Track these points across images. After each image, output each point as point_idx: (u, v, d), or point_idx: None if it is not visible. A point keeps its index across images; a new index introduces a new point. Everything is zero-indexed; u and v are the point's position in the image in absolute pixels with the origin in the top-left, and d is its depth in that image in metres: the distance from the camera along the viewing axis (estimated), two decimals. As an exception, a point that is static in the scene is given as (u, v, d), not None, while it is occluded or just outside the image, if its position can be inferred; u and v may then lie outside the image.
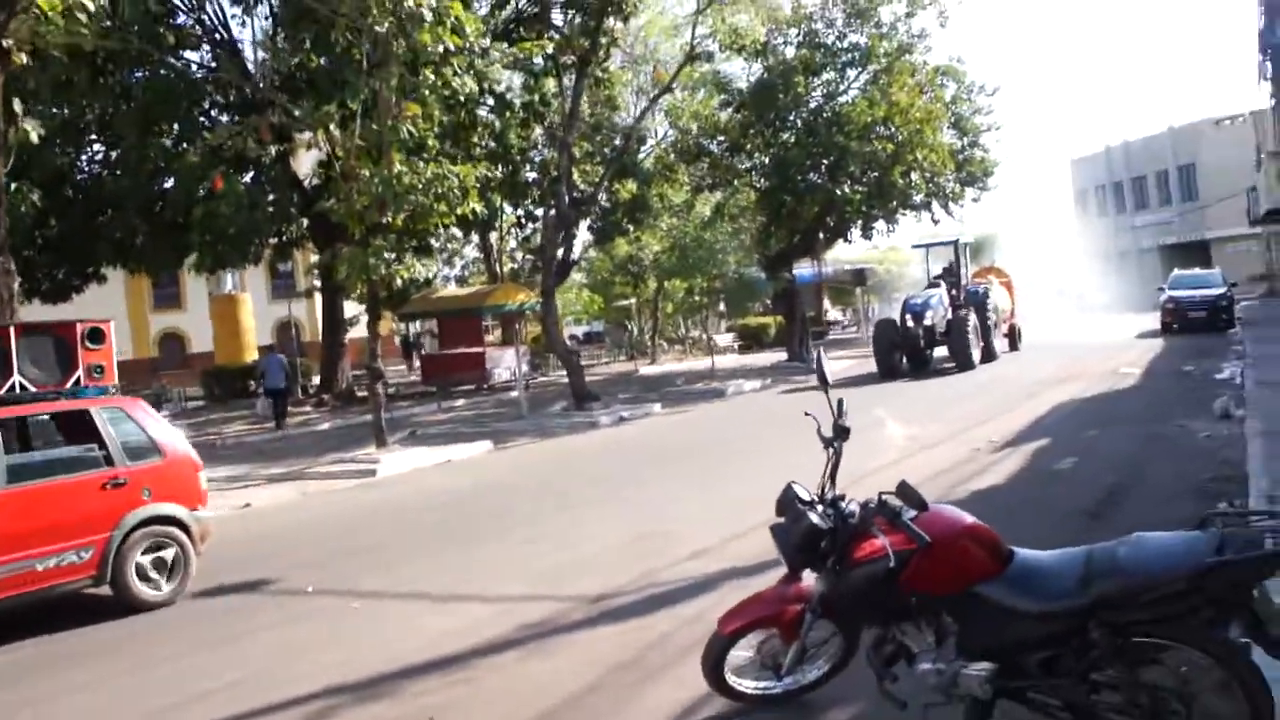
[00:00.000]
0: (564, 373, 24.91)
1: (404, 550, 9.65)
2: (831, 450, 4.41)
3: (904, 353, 24.23)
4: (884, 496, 4.07)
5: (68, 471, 7.99)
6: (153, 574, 8.25)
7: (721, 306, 39.89)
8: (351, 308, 30.81)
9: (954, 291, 25.20)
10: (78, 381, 8.46)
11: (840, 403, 4.49)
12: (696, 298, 35.42)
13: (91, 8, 11.91)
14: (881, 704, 4.23)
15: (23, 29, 12.32)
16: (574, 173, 25.89)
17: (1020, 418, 14.54)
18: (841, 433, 4.43)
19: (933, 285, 25.57)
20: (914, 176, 30.38)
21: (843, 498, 4.26)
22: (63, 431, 8.68)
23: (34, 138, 13.20)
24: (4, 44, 12.24)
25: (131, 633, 7.66)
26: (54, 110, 23.33)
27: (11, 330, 8.16)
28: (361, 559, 9.39)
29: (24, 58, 12.92)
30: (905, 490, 3.98)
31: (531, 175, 28.49)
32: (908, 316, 24.12)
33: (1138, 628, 3.67)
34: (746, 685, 4.66)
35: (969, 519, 4.04)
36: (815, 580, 4.34)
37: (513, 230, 36.90)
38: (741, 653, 4.60)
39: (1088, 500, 8.80)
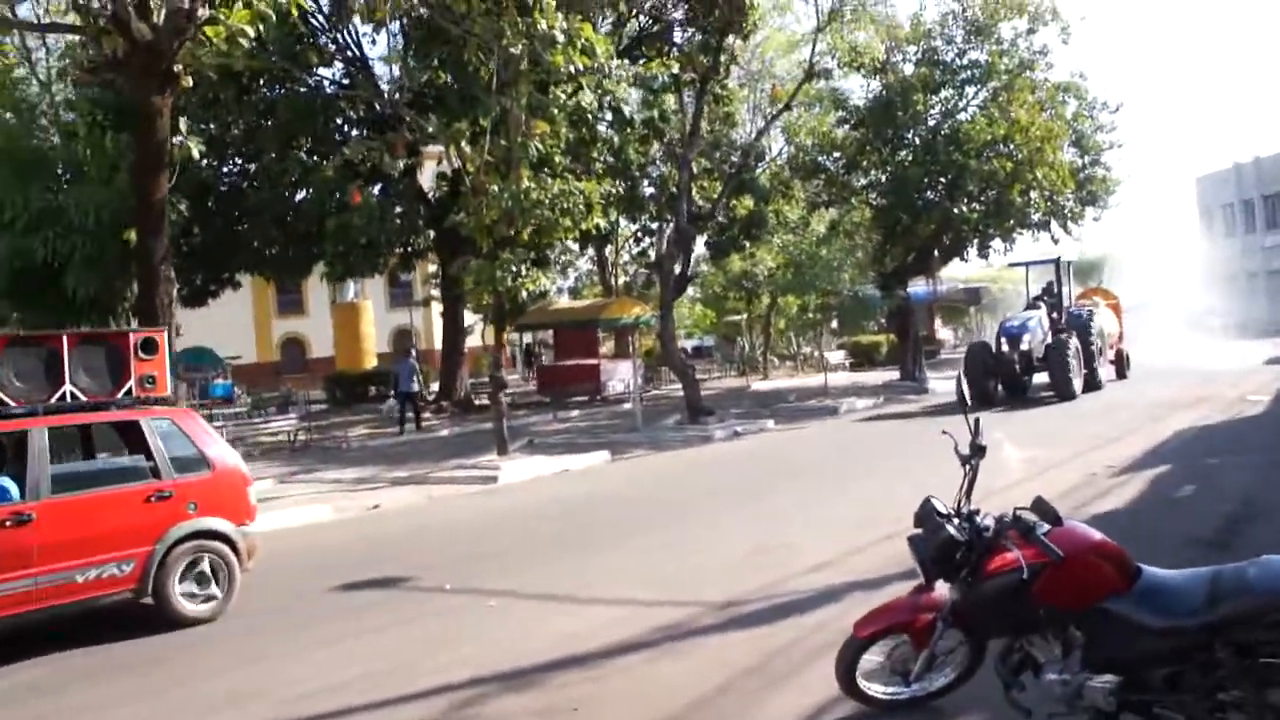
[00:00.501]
0: (677, 386, 25.29)
1: (528, 555, 9.95)
2: (968, 467, 4.57)
3: (999, 379, 22.97)
4: (1019, 511, 4.25)
5: (113, 483, 7.95)
6: (196, 588, 8.13)
7: (834, 323, 39.69)
8: (467, 317, 31.62)
9: (1054, 314, 24.13)
10: (129, 392, 8.28)
11: (978, 422, 4.68)
12: (810, 314, 35.29)
13: (252, 34, 12.63)
14: (1007, 712, 4.36)
15: (186, 54, 13.22)
16: (692, 189, 26.11)
17: (1139, 443, 14.43)
18: (978, 451, 4.60)
19: (1032, 307, 24.55)
20: (1033, 195, 30.06)
21: (978, 512, 4.43)
22: (119, 441, 8.67)
23: (195, 154, 14.08)
24: (175, 69, 13.16)
25: (284, 621, 8.13)
26: (202, 126, 24.71)
27: (65, 339, 8.06)
28: (488, 562, 9.71)
29: (189, 80, 13.86)
30: (1041, 505, 4.17)
31: (649, 190, 29.08)
32: (1003, 340, 22.91)
33: (1265, 648, 3.73)
34: (876, 689, 4.86)
35: (1099, 535, 4.20)
36: (948, 590, 4.50)
37: (628, 244, 37.47)
38: (873, 658, 4.79)
39: (1207, 528, 8.81)
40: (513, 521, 12.22)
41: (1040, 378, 23.51)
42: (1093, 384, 23.10)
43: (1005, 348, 22.75)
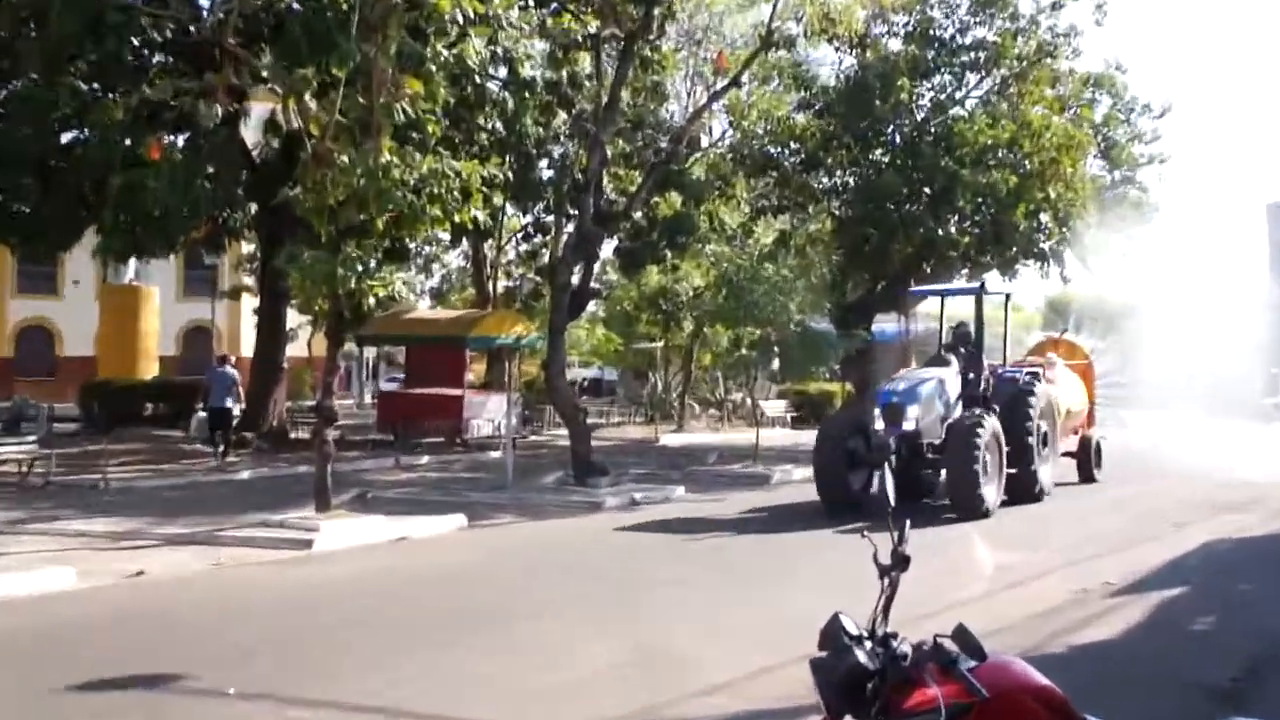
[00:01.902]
0: (564, 432, 25.51)
1: (349, 650, 10.02)
2: (888, 580, 4.82)
3: (871, 473, 20.15)
4: (940, 640, 4.54)
5: None
6: None
7: (775, 364, 40.32)
8: (290, 318, 31.51)
9: (970, 375, 21.16)
10: None
11: (904, 526, 4.92)
12: (744, 350, 35.77)
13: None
14: None
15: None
16: (604, 177, 26.68)
17: (1154, 554, 14.85)
18: (901, 562, 4.83)
19: (936, 361, 22.02)
20: (1043, 218, 31.09)
21: (895, 636, 4.66)
22: None
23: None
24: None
25: None
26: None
27: None
28: (293, 658, 9.78)
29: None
30: (963, 635, 4.50)
31: (547, 174, 29.68)
32: (878, 414, 20.31)
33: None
34: None
35: (1039, 679, 4.56)
36: (856, 729, 4.85)
37: (514, 241, 38.11)
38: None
39: (1222, 672, 9.04)
40: (328, 604, 12.24)
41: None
42: (1025, 492, 20.71)
43: (881, 425, 19.93)
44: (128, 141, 23.77)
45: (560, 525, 18.54)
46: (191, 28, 23.73)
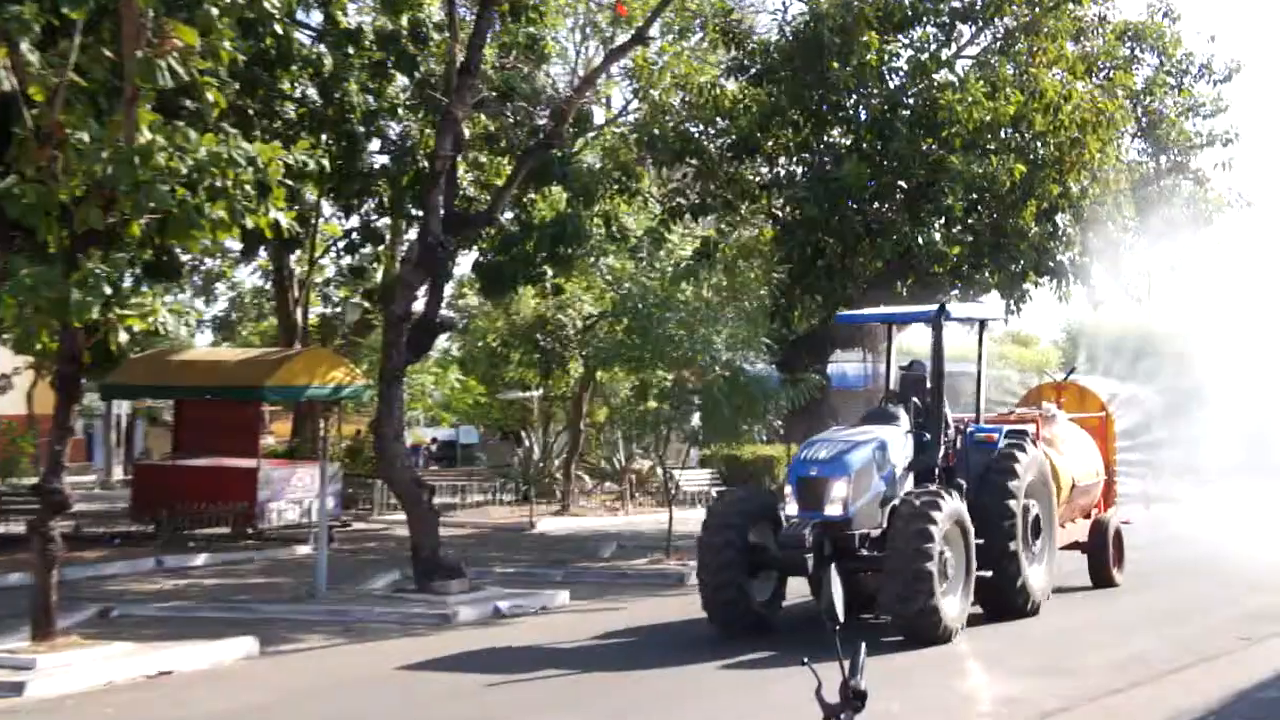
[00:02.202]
0: (402, 517, 25.31)
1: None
2: None
3: (782, 580, 19.91)
4: None
5: None
6: None
7: (695, 421, 40.34)
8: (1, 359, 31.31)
9: (926, 435, 20.65)
10: None
11: (857, 653, 5.26)
12: (652, 403, 35.73)
13: None
14: None
15: None
16: (460, 166, 26.79)
17: (1218, 677, 15.33)
18: (853, 700, 5.13)
19: (876, 417, 21.25)
20: (1060, 220, 31.35)
21: None
22: None
23: None
24: None
25: None
26: None
27: None
28: None
29: None
30: None
31: (379, 161, 29.71)
32: (789, 492, 19.75)
33: None
34: None
35: None
36: None
37: (333, 252, 38.13)
38: None
39: None
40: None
41: None
42: (1005, 602, 20.22)
43: (794, 509, 19.32)
44: None
45: (394, 647, 18.39)
46: None
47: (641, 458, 45.41)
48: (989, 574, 19.59)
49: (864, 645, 5.53)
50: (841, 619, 5.65)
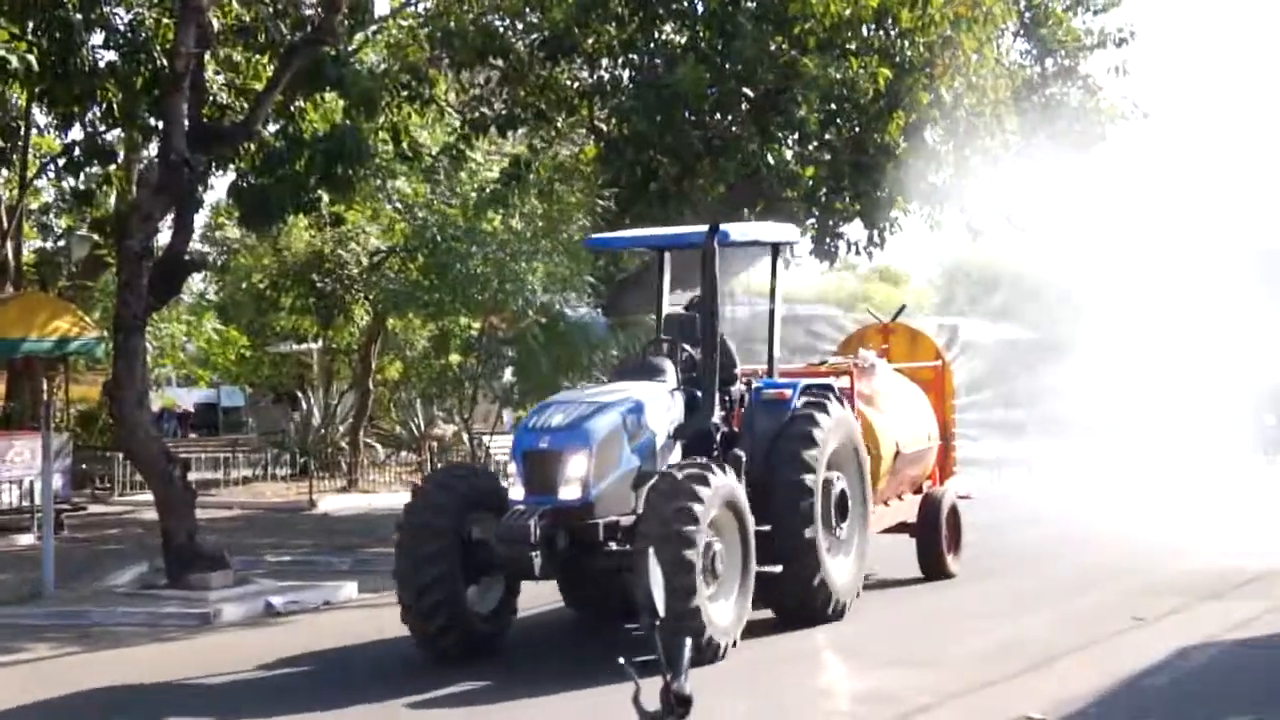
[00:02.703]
0: (149, 497, 24.23)
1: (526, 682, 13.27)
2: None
3: (512, 585, 16.39)
4: None
5: None
6: None
7: (507, 376, 38.38)
8: None
9: (698, 392, 17.05)
10: None
11: (683, 649, 5.92)
12: (455, 356, 34.63)
13: None
14: None
15: None
16: (209, 67, 24.95)
17: (1103, 665, 14.85)
18: (675, 706, 5.70)
19: (639, 370, 17.91)
20: (932, 135, 29.79)
21: None
22: None
23: None
24: None
25: None
26: None
27: None
28: None
29: None
30: None
31: (108, 57, 27.03)
32: (512, 471, 16.46)
33: None
34: None
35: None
36: None
37: (51, 173, 36.39)
38: None
39: None
40: None
41: None
42: (799, 604, 16.81)
43: (520, 493, 15.78)
44: None
45: (140, 655, 17.10)
46: None
47: (444, 422, 44.70)
48: (775, 570, 16.12)
49: (689, 642, 5.79)
50: (661, 612, 5.81)
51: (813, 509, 16.16)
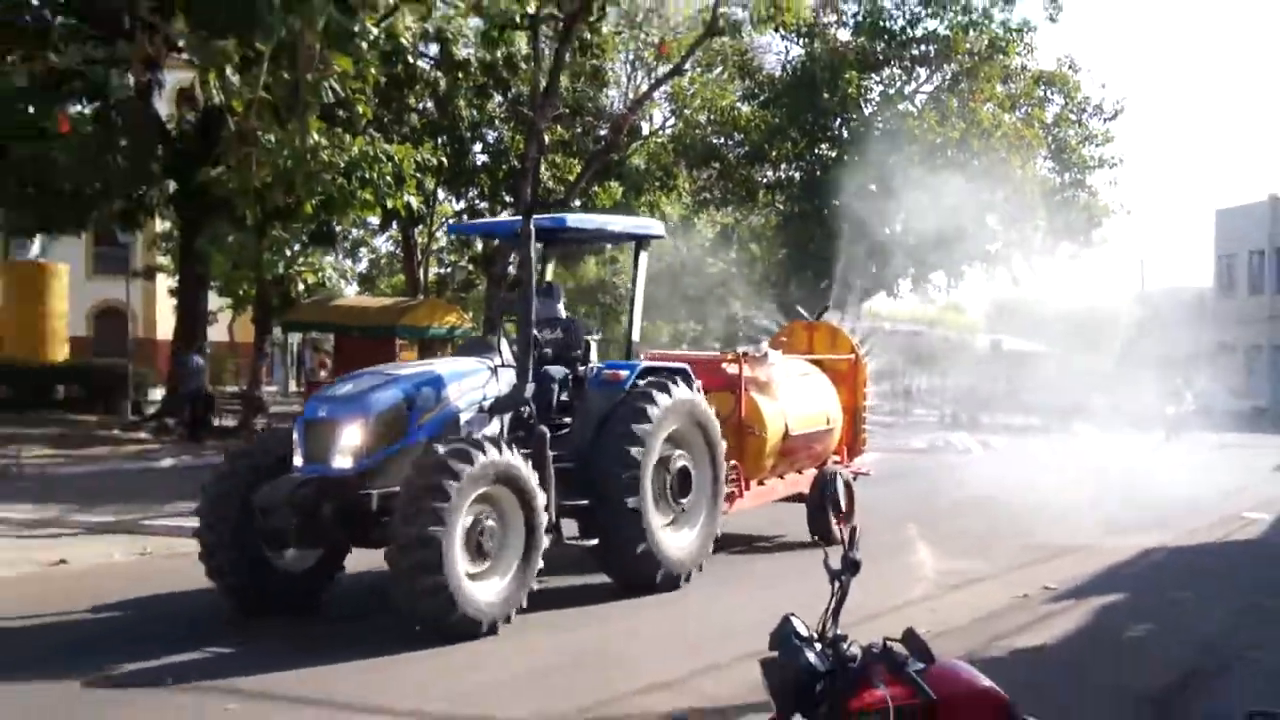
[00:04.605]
0: None
1: (286, 638, 10.21)
2: (837, 584, 5.02)
3: (337, 547, 11.73)
4: (889, 643, 4.82)
5: None
6: None
7: None
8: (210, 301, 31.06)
9: (540, 363, 12.54)
10: None
11: (853, 532, 5.09)
12: (684, 347, 35.75)
13: None
14: None
15: None
16: (542, 165, 26.84)
17: (1094, 561, 14.95)
18: (851, 566, 5.02)
19: (472, 347, 14.45)
20: (990, 219, 31.28)
21: (845, 638, 4.91)
22: None
23: None
24: None
25: None
26: None
27: None
28: (227, 648, 9.93)
29: None
30: (912, 638, 4.78)
31: (482, 159, 29.73)
32: (296, 438, 11.47)
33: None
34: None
35: (984, 681, 4.84)
36: (806, 728, 4.98)
37: (446, 226, 37.38)
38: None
39: (1153, 680, 9.46)
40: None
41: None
42: (631, 575, 12.49)
43: (300, 460, 11.30)
44: (30, 110, 22.93)
45: None
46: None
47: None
48: (593, 542, 12.48)
49: (856, 528, 4.95)
50: (843, 506, 5.50)
51: (637, 481, 12.15)
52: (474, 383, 11.85)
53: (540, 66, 25.61)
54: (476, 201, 32.23)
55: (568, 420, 12.54)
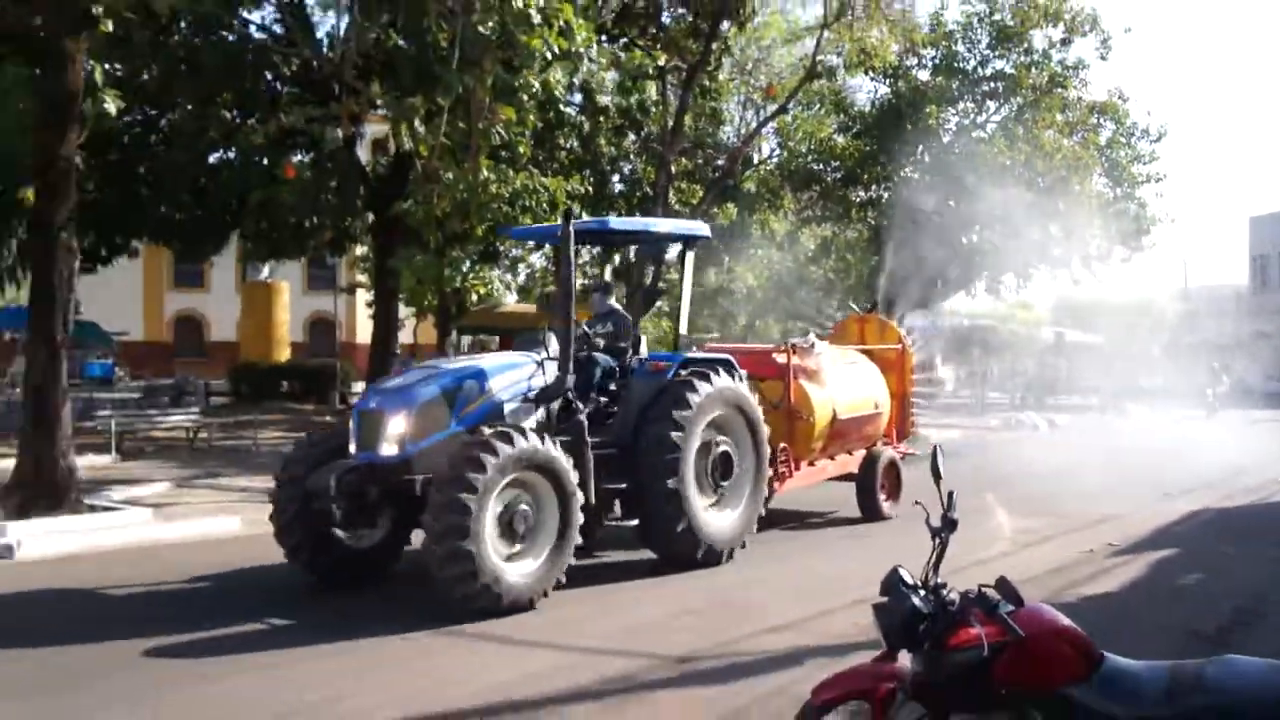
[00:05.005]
0: None
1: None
2: (938, 540, 5.11)
3: (399, 521, 10.93)
4: (983, 589, 4.85)
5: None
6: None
7: None
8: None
9: (594, 362, 11.85)
10: None
11: (951, 495, 5.16)
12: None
13: (186, -23, 12.91)
14: (965, 787, 4.56)
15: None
16: (670, 191, 26.86)
17: (1147, 522, 14.75)
18: (949, 525, 5.11)
19: (527, 343, 12.10)
20: (1052, 229, 30.83)
21: (944, 586, 4.97)
22: None
23: (112, 110, 14.36)
24: (95, 11, 13.43)
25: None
26: (108, 67, 24.35)
27: None
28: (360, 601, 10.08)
29: (109, 24, 14.06)
30: (1004, 585, 4.80)
31: (619, 187, 29.71)
32: (353, 426, 10.77)
33: (1221, 746, 3.96)
34: (832, 757, 5.09)
35: (1064, 620, 4.80)
36: (910, 661, 5.04)
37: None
38: (832, 723, 5.14)
39: (1207, 622, 9.34)
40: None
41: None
42: (675, 552, 11.58)
43: (354, 447, 10.58)
44: (265, 161, 24.33)
45: None
46: (315, 63, 24.19)
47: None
48: (634, 522, 11.75)
49: (954, 493, 5.00)
50: (943, 474, 5.18)
51: (677, 463, 11.20)
52: (518, 375, 10.99)
53: (667, 110, 26.12)
54: (615, 222, 32.17)
55: (615, 409, 11.64)
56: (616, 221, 13.91)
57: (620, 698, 7.25)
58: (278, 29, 25.79)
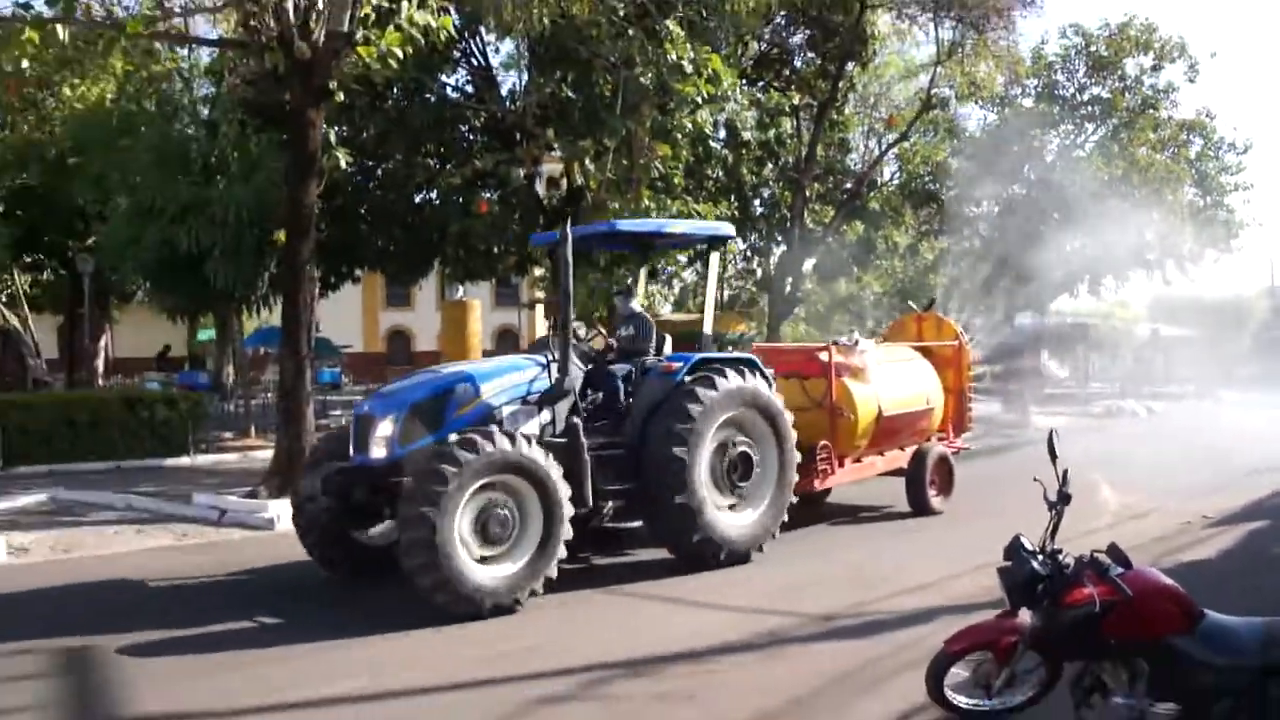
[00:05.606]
0: None
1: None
2: (1054, 512, 5.19)
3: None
4: (1095, 554, 4.90)
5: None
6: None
7: None
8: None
9: (593, 361, 10.67)
10: None
11: (1065, 473, 5.21)
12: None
13: (401, 55, 13.58)
14: (1079, 728, 4.63)
15: (337, 70, 14.26)
16: (805, 212, 26.75)
17: (1239, 497, 14.19)
18: (1064, 498, 5.19)
19: (537, 346, 11.99)
20: (1148, 235, 29.96)
21: (1060, 551, 5.04)
22: None
23: (342, 164, 15.14)
24: (329, 84, 14.25)
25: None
26: (335, 129, 25.74)
27: None
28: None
29: (340, 95, 14.89)
30: (1115, 551, 4.85)
31: (759, 210, 29.43)
32: (351, 428, 9.67)
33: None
34: (960, 700, 5.43)
35: (1167, 581, 4.80)
36: (1030, 617, 5.09)
37: (735, 260, 37.41)
38: (960, 671, 5.39)
39: None
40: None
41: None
42: (693, 558, 10.05)
43: (352, 449, 9.43)
44: (461, 200, 25.08)
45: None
46: (501, 115, 24.89)
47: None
48: (636, 524, 10.47)
49: (1068, 470, 4.92)
50: (1057, 454, 5.15)
51: (683, 477, 9.68)
52: (517, 378, 9.62)
53: (801, 141, 25.83)
54: (757, 242, 31.95)
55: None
56: (624, 224, 12.03)
57: (776, 649, 7.38)
58: (469, 89, 26.53)
